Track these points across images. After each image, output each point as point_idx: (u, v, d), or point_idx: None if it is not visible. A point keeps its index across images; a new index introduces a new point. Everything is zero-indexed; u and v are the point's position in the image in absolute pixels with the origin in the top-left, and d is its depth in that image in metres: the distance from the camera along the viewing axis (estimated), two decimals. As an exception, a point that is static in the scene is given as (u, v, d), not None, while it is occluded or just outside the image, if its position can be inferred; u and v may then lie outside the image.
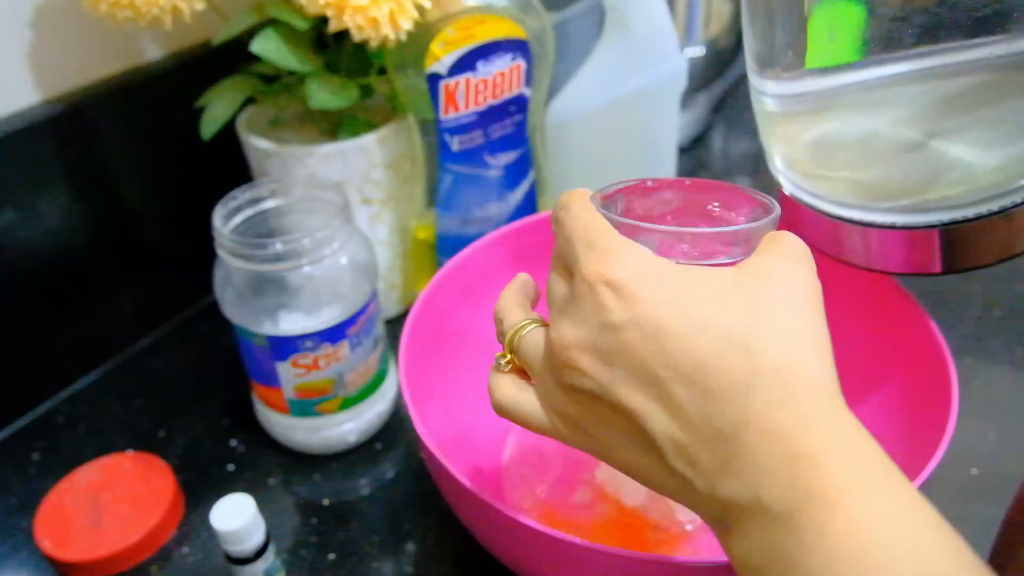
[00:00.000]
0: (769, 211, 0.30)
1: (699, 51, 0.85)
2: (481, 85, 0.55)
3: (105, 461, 0.53)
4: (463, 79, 0.54)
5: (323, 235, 0.47)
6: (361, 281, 0.50)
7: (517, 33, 0.54)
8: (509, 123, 0.58)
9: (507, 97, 0.57)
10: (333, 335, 0.49)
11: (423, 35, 0.52)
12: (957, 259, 0.37)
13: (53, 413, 0.59)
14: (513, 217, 0.63)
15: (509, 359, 0.33)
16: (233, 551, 0.42)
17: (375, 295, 0.53)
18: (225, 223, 0.48)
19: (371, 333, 0.52)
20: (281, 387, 0.51)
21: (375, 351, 0.53)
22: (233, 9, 0.55)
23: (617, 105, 0.65)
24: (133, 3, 0.48)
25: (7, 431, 0.58)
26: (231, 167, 0.61)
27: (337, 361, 0.50)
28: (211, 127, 0.54)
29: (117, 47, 0.59)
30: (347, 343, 0.50)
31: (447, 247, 0.61)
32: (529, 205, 0.63)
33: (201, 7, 0.51)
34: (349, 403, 0.53)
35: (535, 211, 0.64)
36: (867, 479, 0.24)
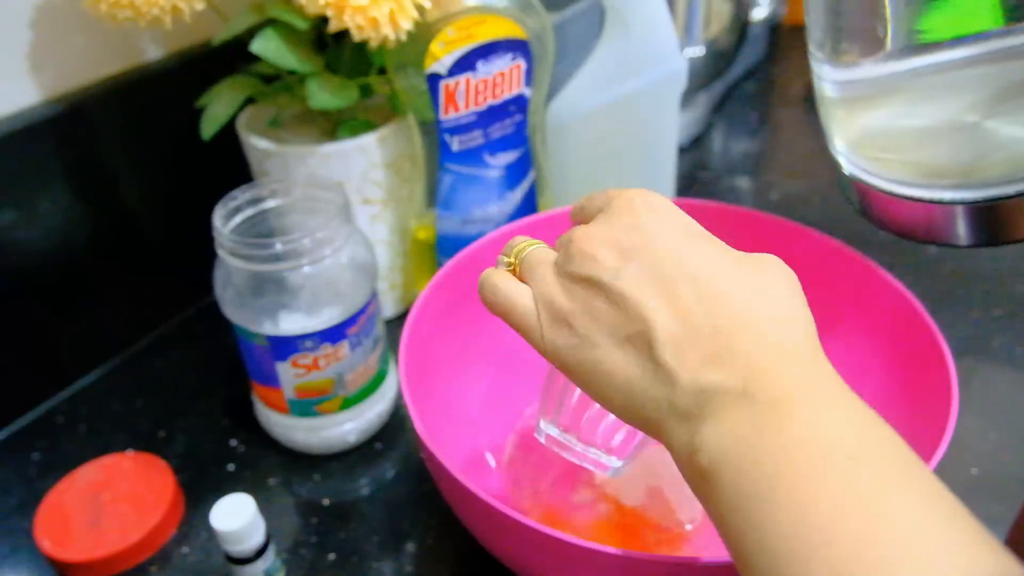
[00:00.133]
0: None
1: (699, 51, 0.85)
2: (481, 85, 0.55)
3: (105, 461, 0.53)
4: (463, 79, 0.54)
5: (323, 235, 0.47)
6: (361, 281, 0.50)
7: (517, 33, 0.54)
8: (509, 123, 0.58)
9: (507, 97, 0.57)
10: (333, 335, 0.49)
11: (423, 35, 0.52)
12: (1001, 233, 0.38)
13: (53, 413, 0.59)
14: (513, 217, 0.63)
15: (510, 262, 0.34)
16: (233, 551, 0.42)
17: (375, 295, 0.53)
18: (225, 223, 0.48)
19: (371, 333, 0.52)
20: (281, 387, 0.51)
21: (375, 351, 0.53)
22: (233, 9, 0.55)
23: (617, 105, 0.65)
24: (133, 3, 0.48)
25: (7, 431, 0.58)
26: (231, 167, 0.61)
27: (337, 361, 0.50)
28: (211, 127, 0.54)
29: (117, 47, 0.59)
30: (347, 343, 0.50)
31: (447, 247, 0.61)
32: (529, 205, 0.63)
33: (201, 7, 0.51)
34: (349, 403, 0.53)
35: (535, 211, 0.64)
36: (850, 392, 0.27)
